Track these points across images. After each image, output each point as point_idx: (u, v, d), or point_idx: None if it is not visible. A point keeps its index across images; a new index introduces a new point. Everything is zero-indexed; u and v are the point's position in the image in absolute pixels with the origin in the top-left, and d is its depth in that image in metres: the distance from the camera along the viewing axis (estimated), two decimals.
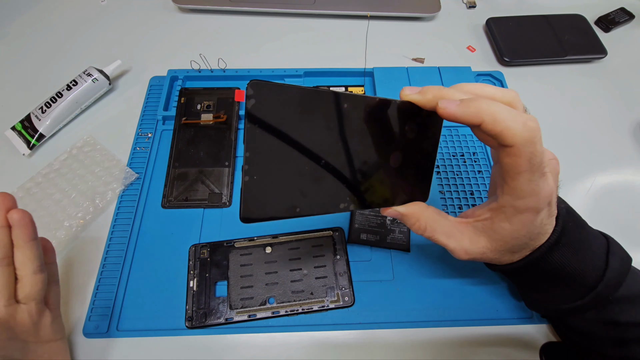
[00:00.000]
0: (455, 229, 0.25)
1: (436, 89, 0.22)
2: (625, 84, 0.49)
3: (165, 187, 0.38)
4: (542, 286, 0.27)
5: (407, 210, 0.25)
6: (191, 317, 0.32)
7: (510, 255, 0.25)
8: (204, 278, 0.33)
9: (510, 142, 0.19)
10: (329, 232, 0.36)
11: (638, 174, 0.42)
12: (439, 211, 0.26)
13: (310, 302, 0.33)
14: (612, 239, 0.27)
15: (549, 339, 0.32)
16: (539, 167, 0.20)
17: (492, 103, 0.20)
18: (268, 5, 0.53)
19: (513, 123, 0.19)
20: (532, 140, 0.19)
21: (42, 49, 0.50)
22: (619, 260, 0.25)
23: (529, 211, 0.22)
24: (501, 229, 0.23)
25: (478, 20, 0.55)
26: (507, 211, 0.22)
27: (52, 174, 0.39)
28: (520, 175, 0.20)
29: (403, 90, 0.23)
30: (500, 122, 0.19)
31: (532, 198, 0.21)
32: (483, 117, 0.19)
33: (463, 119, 0.20)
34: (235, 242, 0.35)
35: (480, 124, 0.20)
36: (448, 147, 0.42)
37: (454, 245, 0.25)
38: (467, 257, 0.25)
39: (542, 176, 0.20)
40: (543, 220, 0.22)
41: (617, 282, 0.24)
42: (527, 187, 0.21)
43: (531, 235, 0.23)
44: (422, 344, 0.32)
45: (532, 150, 0.19)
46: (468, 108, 0.20)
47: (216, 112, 0.42)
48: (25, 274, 0.26)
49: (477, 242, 0.25)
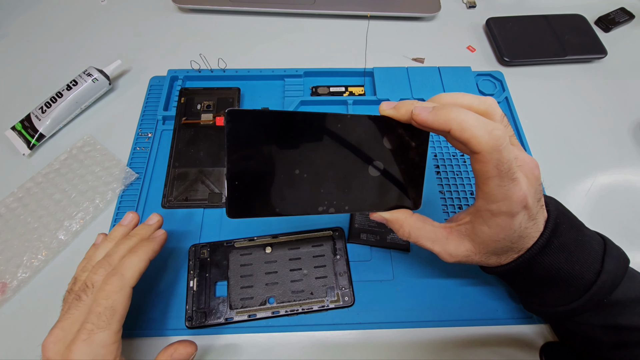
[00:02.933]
0: (440, 234, 0.26)
1: (409, 103, 0.24)
2: (625, 84, 0.49)
3: (165, 187, 0.38)
4: (536, 289, 0.27)
5: (391, 217, 0.27)
6: (191, 317, 0.32)
7: (497, 257, 0.25)
8: (204, 278, 0.33)
9: (477, 150, 0.20)
10: (329, 232, 0.36)
11: (638, 174, 0.42)
12: (423, 217, 0.27)
13: (310, 302, 0.33)
14: (609, 240, 0.27)
15: (549, 339, 0.32)
16: (507, 173, 0.21)
17: (461, 111, 0.21)
18: (268, 5, 0.53)
19: (479, 131, 0.20)
20: (498, 148, 0.20)
21: (42, 49, 0.50)
22: (615, 262, 0.25)
23: (503, 214, 0.22)
24: (481, 232, 0.24)
25: (478, 20, 0.55)
26: (484, 215, 0.23)
27: (52, 174, 0.39)
28: (490, 180, 0.21)
29: (381, 106, 0.25)
30: (467, 129, 0.20)
31: (504, 202, 0.21)
32: (451, 124, 0.21)
33: (433, 126, 0.22)
34: (235, 242, 0.35)
35: (449, 131, 0.21)
36: (448, 147, 0.42)
37: (439, 249, 0.26)
38: (452, 260, 0.26)
39: (512, 181, 0.21)
40: (522, 223, 0.23)
41: (612, 284, 0.24)
42: (497, 192, 0.21)
43: (511, 238, 0.23)
44: (422, 344, 0.32)
45: (498, 157, 0.20)
46: (437, 116, 0.21)
47: (216, 112, 0.42)
48: None
49: (461, 245, 0.26)
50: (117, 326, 0.24)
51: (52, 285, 0.34)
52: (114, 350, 0.24)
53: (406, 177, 0.26)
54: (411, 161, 0.26)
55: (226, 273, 0.34)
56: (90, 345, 0.23)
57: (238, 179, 0.22)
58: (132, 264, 0.26)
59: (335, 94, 0.45)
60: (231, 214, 0.22)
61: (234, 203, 0.22)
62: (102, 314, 0.24)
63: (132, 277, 0.26)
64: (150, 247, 0.28)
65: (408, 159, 0.26)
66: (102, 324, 0.24)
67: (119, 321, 0.24)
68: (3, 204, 0.37)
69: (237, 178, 0.22)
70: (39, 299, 0.34)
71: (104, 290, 0.24)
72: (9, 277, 0.34)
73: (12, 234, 0.36)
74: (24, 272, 0.34)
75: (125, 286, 0.25)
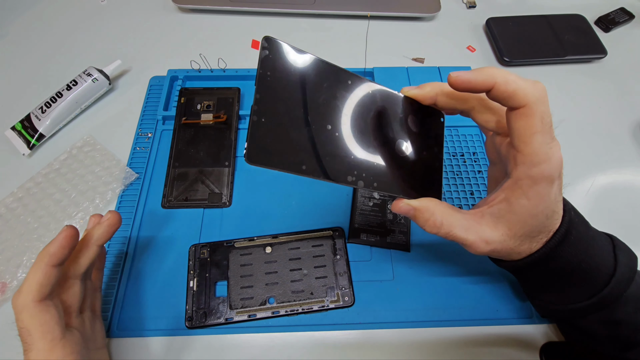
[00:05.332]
0: (472, 220, 0.24)
1: (434, 83, 0.24)
2: (625, 84, 0.49)
3: (165, 187, 0.38)
4: (553, 285, 0.27)
5: (420, 205, 0.23)
6: (191, 317, 0.32)
7: (529, 242, 0.24)
8: (204, 278, 0.33)
9: (524, 102, 0.20)
10: (329, 232, 0.36)
11: (638, 174, 0.42)
12: (451, 206, 0.25)
13: (310, 302, 0.33)
14: (615, 237, 0.27)
15: (549, 339, 0.32)
16: (550, 129, 0.21)
17: (500, 69, 0.21)
18: (268, 5, 0.53)
19: (524, 83, 0.20)
20: (543, 99, 0.20)
21: (42, 49, 0.50)
22: (627, 256, 0.25)
23: (544, 180, 0.21)
24: (519, 207, 0.22)
25: (478, 20, 0.55)
26: (523, 184, 0.22)
27: (52, 174, 0.39)
28: (535, 136, 0.20)
29: (403, 88, 0.24)
30: (512, 82, 0.20)
31: (547, 164, 0.21)
32: (496, 79, 0.20)
33: (477, 83, 0.21)
34: (235, 242, 0.35)
35: (493, 86, 0.20)
36: (448, 147, 0.42)
37: (474, 238, 0.23)
38: (488, 249, 0.24)
39: (552, 140, 0.21)
40: (556, 194, 0.22)
41: (629, 277, 0.24)
42: (541, 150, 0.21)
43: (548, 211, 0.23)
44: (422, 344, 0.32)
45: (543, 109, 0.20)
46: (480, 73, 0.21)
47: (216, 112, 0.42)
48: None
49: (496, 229, 0.23)
50: (42, 344, 0.23)
51: None
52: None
53: (427, 166, 0.25)
54: (431, 150, 0.25)
55: (226, 273, 0.34)
56: None
57: (265, 116, 0.18)
58: (27, 278, 0.24)
59: None
60: (250, 158, 0.18)
61: (256, 144, 0.18)
62: (21, 336, 0.23)
63: (29, 292, 0.23)
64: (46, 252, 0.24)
65: (428, 147, 0.25)
66: (26, 346, 0.23)
67: (40, 339, 0.23)
68: (3, 204, 0.37)
69: (264, 114, 0.18)
70: None
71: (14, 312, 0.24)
72: (9, 277, 0.34)
73: (12, 234, 0.36)
74: (24, 272, 0.34)
75: (25, 303, 0.23)
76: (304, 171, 0.19)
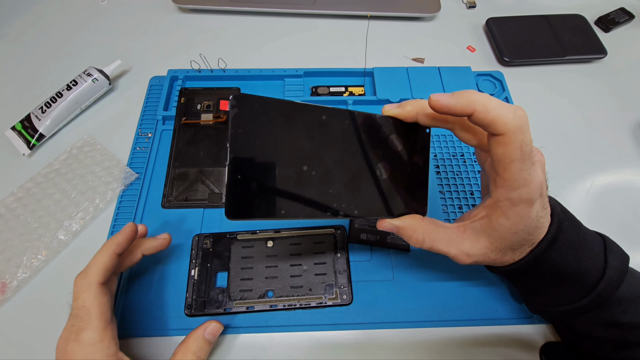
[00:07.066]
0: (454, 234, 0.25)
1: (414, 101, 0.24)
2: (625, 84, 0.49)
3: (165, 187, 0.38)
4: (543, 288, 0.27)
5: (402, 223, 0.25)
6: (190, 305, 0.32)
7: (512, 253, 0.25)
8: (205, 268, 0.34)
9: (502, 130, 0.20)
10: (330, 229, 0.36)
11: (638, 174, 0.42)
12: (434, 220, 0.26)
13: (309, 297, 0.33)
14: (608, 238, 0.27)
15: (549, 339, 0.32)
16: (529, 156, 0.21)
17: (482, 94, 0.21)
18: (268, 5, 0.53)
19: (504, 111, 0.20)
20: (522, 128, 0.20)
21: (42, 49, 0.50)
22: (618, 259, 0.25)
23: (523, 202, 0.22)
24: (499, 225, 0.23)
25: (478, 20, 0.55)
26: (503, 205, 0.22)
27: (52, 174, 0.39)
28: (513, 164, 0.21)
29: (384, 108, 0.25)
30: (492, 110, 0.20)
31: (525, 188, 0.21)
32: (475, 106, 0.20)
33: (456, 109, 0.21)
34: (237, 234, 0.35)
35: (472, 113, 0.21)
36: (448, 147, 0.42)
37: (455, 252, 0.25)
38: (469, 261, 0.25)
39: (532, 165, 0.21)
40: (538, 212, 0.22)
41: (618, 280, 0.24)
42: (519, 177, 0.21)
43: (529, 229, 0.23)
44: (421, 344, 0.32)
45: (522, 137, 0.20)
46: (460, 98, 0.21)
47: (216, 112, 0.42)
48: None
49: (478, 243, 0.25)
50: (98, 323, 0.25)
51: (52, 286, 0.34)
52: (104, 347, 0.25)
53: (411, 181, 0.26)
54: (415, 165, 0.26)
55: (227, 264, 0.34)
56: (79, 345, 0.24)
57: (241, 172, 0.19)
58: (94, 261, 0.27)
59: (335, 94, 0.45)
60: (231, 214, 0.19)
61: (235, 201, 0.19)
62: (78, 315, 0.25)
63: (95, 274, 0.26)
64: (114, 240, 0.28)
65: (412, 163, 0.26)
66: (82, 324, 0.25)
67: (98, 318, 0.25)
68: (3, 204, 0.37)
69: (240, 171, 0.19)
70: (38, 299, 0.34)
71: (74, 292, 0.26)
72: (9, 277, 0.34)
73: (12, 234, 0.36)
74: (24, 272, 0.34)
75: (91, 283, 0.26)
76: (283, 215, 0.21)
